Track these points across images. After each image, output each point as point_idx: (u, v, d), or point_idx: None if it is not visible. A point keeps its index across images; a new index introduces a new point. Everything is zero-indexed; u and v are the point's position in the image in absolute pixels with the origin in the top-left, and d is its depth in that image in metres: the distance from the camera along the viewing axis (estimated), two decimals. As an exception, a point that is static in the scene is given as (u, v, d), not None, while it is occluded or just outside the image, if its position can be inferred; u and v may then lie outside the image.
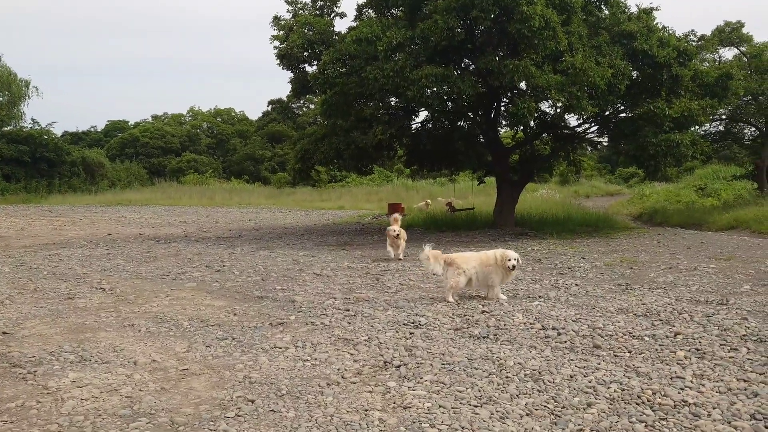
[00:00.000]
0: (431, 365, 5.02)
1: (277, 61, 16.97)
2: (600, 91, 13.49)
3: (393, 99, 16.62)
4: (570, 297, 7.68)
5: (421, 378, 4.72)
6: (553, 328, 6.08)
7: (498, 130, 18.43)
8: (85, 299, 8.00)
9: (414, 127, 18.32)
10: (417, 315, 6.74)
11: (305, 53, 16.43)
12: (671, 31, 16.04)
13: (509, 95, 16.51)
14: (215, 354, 5.48)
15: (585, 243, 13.92)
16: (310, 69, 17.01)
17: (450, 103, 15.07)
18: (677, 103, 14.95)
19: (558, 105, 14.95)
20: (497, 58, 14.13)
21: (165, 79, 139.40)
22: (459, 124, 17.76)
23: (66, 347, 5.67)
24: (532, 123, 15.45)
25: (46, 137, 43.47)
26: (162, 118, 66.70)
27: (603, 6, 16.03)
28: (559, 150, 18.71)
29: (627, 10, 16.18)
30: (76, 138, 59.66)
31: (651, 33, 14.96)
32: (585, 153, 28.21)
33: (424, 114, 18.00)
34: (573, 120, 17.49)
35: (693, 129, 16.79)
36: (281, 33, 17.04)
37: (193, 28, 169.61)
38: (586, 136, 18.06)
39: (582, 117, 16.49)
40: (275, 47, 16.98)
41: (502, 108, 17.31)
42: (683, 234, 16.04)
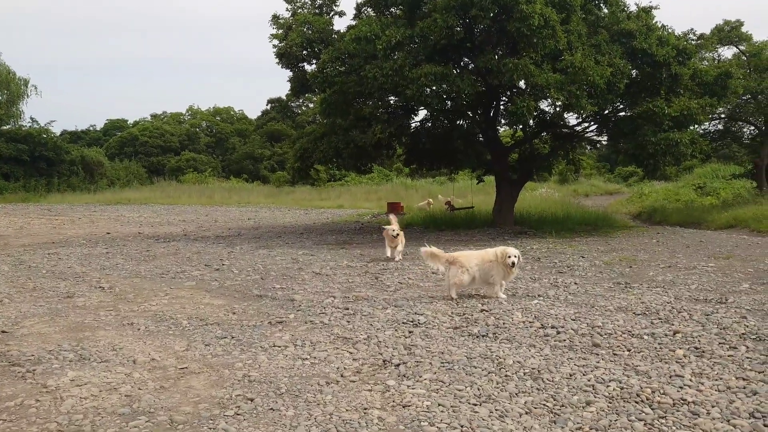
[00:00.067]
0: (430, 364, 5.02)
1: (277, 60, 16.97)
2: (599, 90, 13.49)
3: (392, 98, 16.62)
4: (569, 295, 7.68)
5: (421, 376, 4.72)
6: (553, 326, 6.08)
7: (497, 128, 18.44)
8: (84, 298, 7.99)
9: (413, 126, 18.34)
10: (416, 314, 6.74)
11: (304, 52, 16.43)
12: (670, 30, 16.06)
13: (508, 94, 16.52)
14: (214, 353, 5.48)
15: (584, 242, 13.93)
16: (309, 68, 17.01)
17: (449, 102, 15.08)
18: (676, 102, 14.95)
19: (557, 104, 14.96)
20: (496, 56, 14.13)
21: (164, 78, 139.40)
22: (458, 122, 17.77)
23: (65, 346, 5.67)
24: (531, 122, 15.46)
25: (45, 136, 43.44)
26: (161, 117, 66.58)
27: (602, 5, 16.04)
28: (559, 149, 18.71)
29: (626, 8, 16.20)
30: (75, 137, 59.55)
31: (650, 32, 14.97)
32: (584, 152, 28.23)
33: (423, 113, 18.04)
34: (572, 119, 17.53)
35: (692, 128, 16.79)
36: (280, 32, 17.03)
37: (193, 27, 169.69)
38: (585, 134, 18.07)
39: (581, 116, 16.51)
40: (274, 46, 16.98)
41: (501, 107, 17.32)
42: (682, 233, 16.06)
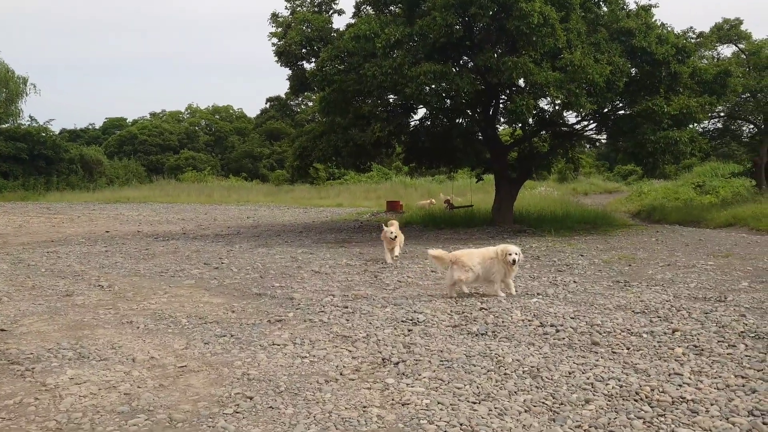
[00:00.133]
0: (429, 362, 5.02)
1: (276, 59, 16.92)
2: (598, 88, 13.49)
3: (391, 96, 16.61)
4: (568, 294, 7.68)
5: (420, 375, 4.72)
6: (552, 325, 6.08)
7: (496, 127, 18.42)
8: (83, 296, 7.98)
9: (412, 125, 18.32)
10: (415, 312, 6.74)
11: (303, 50, 16.39)
12: (670, 28, 16.05)
13: (508, 92, 16.52)
14: (213, 351, 5.48)
15: (583, 240, 13.94)
16: (308, 66, 16.94)
17: (448, 101, 15.06)
18: (676, 101, 14.95)
19: (556, 102, 14.96)
20: (496, 55, 14.11)
21: (163, 77, 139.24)
22: (457, 121, 17.75)
23: (64, 344, 5.66)
24: (530, 120, 15.44)
25: (44, 134, 43.40)
26: (160, 115, 66.52)
27: (602, 3, 16.03)
28: (558, 147, 18.71)
29: (626, 7, 16.18)
30: (74, 135, 59.53)
31: (650, 30, 14.98)
32: (583, 150, 28.18)
33: (422, 111, 18.01)
34: (571, 117, 17.50)
35: (691, 126, 16.78)
36: (279, 30, 16.97)
37: (192, 26, 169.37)
38: (584, 133, 18.07)
39: (580, 114, 16.51)
40: (273, 44, 16.91)
41: (500, 105, 17.30)
42: (681, 231, 16.07)
